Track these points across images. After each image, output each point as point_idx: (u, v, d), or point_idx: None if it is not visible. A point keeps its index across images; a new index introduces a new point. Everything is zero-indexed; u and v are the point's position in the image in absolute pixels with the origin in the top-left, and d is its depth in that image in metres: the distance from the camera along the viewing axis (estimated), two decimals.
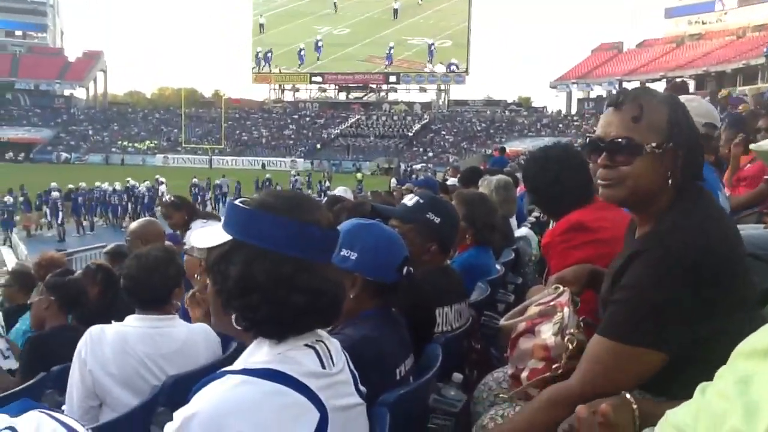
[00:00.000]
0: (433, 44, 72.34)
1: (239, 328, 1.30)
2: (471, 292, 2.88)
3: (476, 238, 3.17)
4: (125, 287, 2.63)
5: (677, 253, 1.40)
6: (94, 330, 2.44)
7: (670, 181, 1.51)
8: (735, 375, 0.75)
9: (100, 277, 4.08)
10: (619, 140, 1.50)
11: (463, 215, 2.99)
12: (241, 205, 1.28)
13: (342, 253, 1.84)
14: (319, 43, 75.77)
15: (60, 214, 23.63)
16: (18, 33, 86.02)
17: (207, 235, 1.32)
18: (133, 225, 4.46)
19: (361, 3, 76.14)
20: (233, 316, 1.29)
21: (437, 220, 2.43)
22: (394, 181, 30.17)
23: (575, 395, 1.45)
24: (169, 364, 2.44)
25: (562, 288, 1.81)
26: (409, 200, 2.51)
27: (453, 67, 72.67)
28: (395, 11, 74.91)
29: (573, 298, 1.78)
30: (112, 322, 2.53)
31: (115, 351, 2.39)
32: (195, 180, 30.25)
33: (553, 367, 1.65)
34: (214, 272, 1.30)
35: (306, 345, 1.30)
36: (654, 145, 1.49)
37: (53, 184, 24.99)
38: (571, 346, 1.64)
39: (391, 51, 73.77)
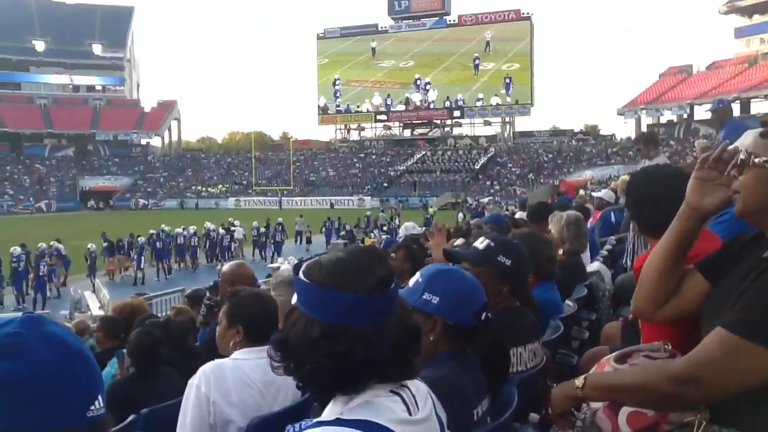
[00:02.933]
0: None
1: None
2: (545, 330, 2.88)
3: (538, 275, 3.17)
4: (244, 321, 2.73)
5: None
6: (210, 365, 2.53)
7: None
8: None
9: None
10: (740, 154, 1.54)
11: None
12: (298, 272, 1.37)
13: (424, 297, 1.92)
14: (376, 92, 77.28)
15: (142, 258, 24.66)
16: (98, 87, 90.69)
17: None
18: (225, 267, 4.61)
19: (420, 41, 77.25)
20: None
21: (508, 262, 2.47)
22: (461, 215, 30.02)
23: (678, 375, 1.45)
24: (283, 392, 2.56)
25: (669, 347, 1.72)
26: (480, 243, 2.55)
27: (517, 100, 72.64)
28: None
29: None
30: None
31: (236, 382, 2.50)
32: (280, 220, 31.15)
33: None
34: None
35: (391, 391, 1.34)
36: (765, 159, 1.50)
37: (164, 226, 27.04)
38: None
39: (428, 99, 74.70)
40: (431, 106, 76.01)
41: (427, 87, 76.00)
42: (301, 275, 1.36)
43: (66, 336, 1.02)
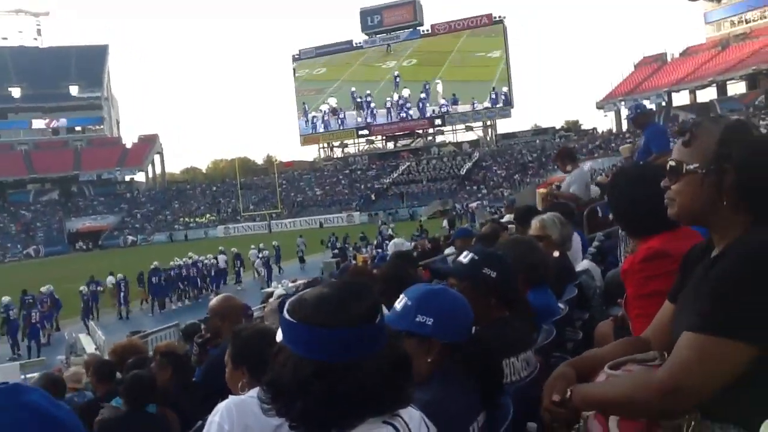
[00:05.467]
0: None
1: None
2: (538, 335, 2.87)
3: (528, 281, 3.17)
4: (248, 362, 2.68)
5: (764, 247, 1.45)
6: (233, 402, 2.40)
7: (724, 202, 1.54)
8: None
9: (169, 363, 4.24)
10: (670, 163, 1.64)
11: None
12: (283, 311, 1.35)
13: (417, 320, 1.91)
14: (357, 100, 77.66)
15: (121, 294, 24.87)
16: (78, 128, 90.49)
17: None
18: (213, 302, 4.56)
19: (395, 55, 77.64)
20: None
21: (494, 274, 2.47)
22: (445, 222, 29.92)
23: (660, 386, 1.46)
24: None
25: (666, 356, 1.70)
26: (465, 257, 2.55)
27: (497, 102, 73.04)
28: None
29: None
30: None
31: (258, 417, 2.40)
32: (261, 245, 31.14)
33: None
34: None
35: (385, 422, 1.33)
36: (696, 165, 1.58)
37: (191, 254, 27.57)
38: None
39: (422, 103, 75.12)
40: (408, 106, 76.40)
41: (397, 80, 76.60)
42: (286, 314, 1.33)
43: (43, 404, 1.00)
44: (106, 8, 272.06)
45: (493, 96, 73.29)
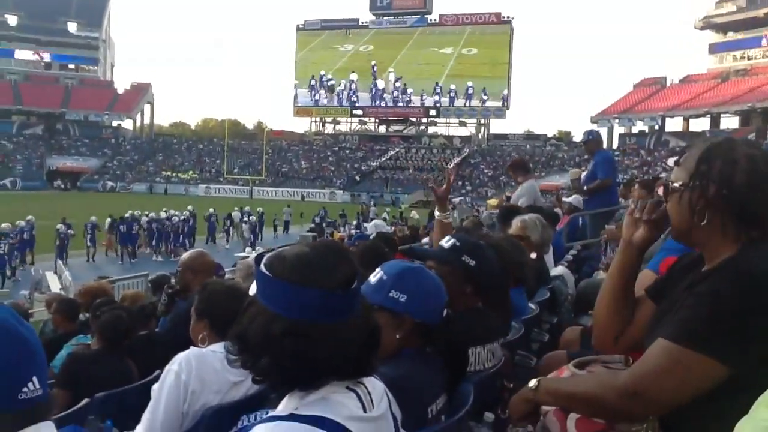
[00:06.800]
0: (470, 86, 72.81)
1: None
2: (507, 331, 2.90)
3: (514, 280, 3.19)
4: (210, 315, 2.69)
5: (755, 271, 1.43)
6: (193, 353, 2.45)
7: (703, 221, 1.53)
8: (755, 425, 0.73)
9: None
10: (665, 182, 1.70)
11: None
12: (260, 264, 1.34)
13: (391, 295, 1.91)
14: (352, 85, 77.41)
15: (88, 237, 24.89)
16: (71, 66, 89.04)
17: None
18: (184, 256, 4.55)
19: (400, 40, 77.17)
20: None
21: (473, 263, 2.47)
22: (414, 213, 30.04)
23: (623, 388, 1.48)
24: (255, 389, 2.46)
25: (631, 361, 1.75)
26: (446, 242, 2.56)
27: (493, 102, 72.95)
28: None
29: None
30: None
31: (217, 372, 2.41)
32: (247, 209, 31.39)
33: None
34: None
35: (348, 388, 1.33)
36: (679, 183, 1.58)
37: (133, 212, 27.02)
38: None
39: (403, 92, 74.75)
40: (410, 100, 76.01)
41: (396, 81, 76.09)
42: (263, 268, 1.32)
43: (10, 320, 0.99)
44: None
45: (438, 90, 73.57)
